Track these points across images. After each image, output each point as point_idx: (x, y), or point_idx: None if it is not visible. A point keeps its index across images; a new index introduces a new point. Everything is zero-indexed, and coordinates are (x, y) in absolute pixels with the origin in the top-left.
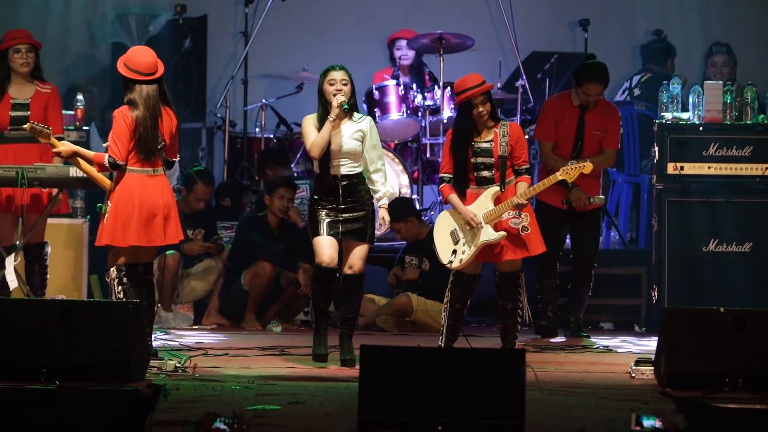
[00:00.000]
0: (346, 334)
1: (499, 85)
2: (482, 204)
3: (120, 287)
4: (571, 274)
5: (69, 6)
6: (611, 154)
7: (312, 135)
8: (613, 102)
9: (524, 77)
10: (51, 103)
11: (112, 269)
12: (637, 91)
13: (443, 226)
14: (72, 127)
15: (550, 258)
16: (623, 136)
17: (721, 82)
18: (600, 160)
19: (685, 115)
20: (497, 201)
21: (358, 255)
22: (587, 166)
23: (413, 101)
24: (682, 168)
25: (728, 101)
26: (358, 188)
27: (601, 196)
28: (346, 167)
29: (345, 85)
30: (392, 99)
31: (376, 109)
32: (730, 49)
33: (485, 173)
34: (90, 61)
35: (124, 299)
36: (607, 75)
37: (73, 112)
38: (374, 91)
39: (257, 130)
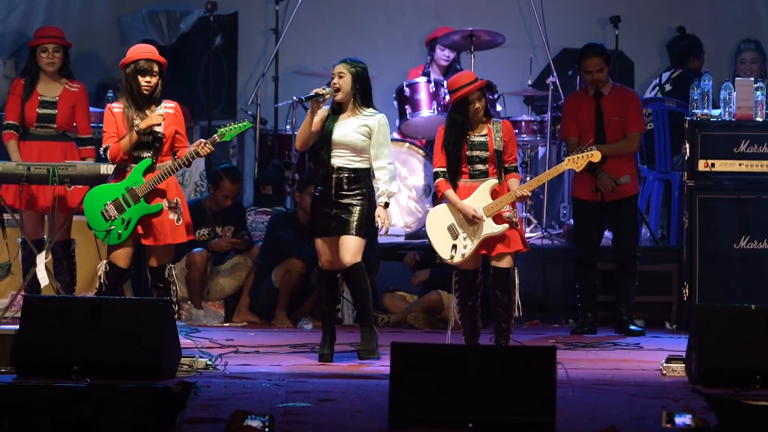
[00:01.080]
0: (364, 325)
1: (529, 82)
2: (480, 197)
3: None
4: (615, 269)
5: (100, 3)
6: (634, 138)
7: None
8: (644, 99)
9: (555, 74)
10: (79, 103)
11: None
12: (668, 87)
13: (439, 221)
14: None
15: (589, 257)
16: (654, 132)
17: (752, 78)
18: (623, 145)
19: (716, 112)
20: (494, 194)
21: (346, 248)
22: (595, 154)
23: (444, 98)
24: (713, 165)
25: (759, 98)
26: (355, 183)
27: (627, 176)
28: (344, 159)
29: (341, 77)
30: (423, 96)
31: (406, 106)
32: (759, 46)
33: (480, 166)
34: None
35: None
36: (602, 50)
37: (104, 110)
38: (405, 88)
39: (288, 127)
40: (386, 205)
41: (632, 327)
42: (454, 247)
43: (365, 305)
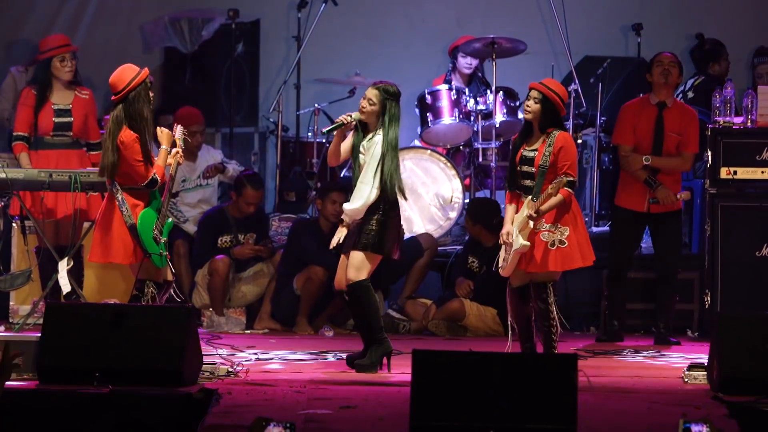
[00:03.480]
0: (370, 343)
1: None
2: (522, 213)
3: None
4: (656, 280)
5: (122, 10)
6: (689, 158)
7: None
8: None
9: (577, 82)
10: (90, 109)
11: None
12: (690, 94)
13: None
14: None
15: (619, 267)
16: None
17: None
18: (678, 163)
19: (738, 120)
20: None
21: (350, 263)
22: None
23: (465, 105)
24: (735, 172)
25: None
26: None
27: (686, 192)
28: (358, 177)
29: (371, 105)
30: (444, 103)
31: (428, 114)
32: None
33: (527, 182)
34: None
35: None
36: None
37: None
38: (426, 95)
39: (310, 134)
40: (341, 221)
41: (671, 339)
42: (506, 259)
43: (369, 324)
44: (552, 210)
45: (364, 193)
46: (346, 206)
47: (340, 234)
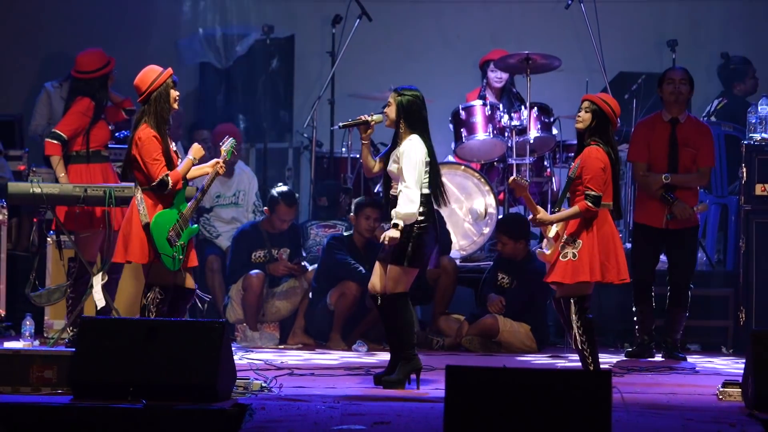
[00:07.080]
0: (396, 356)
1: None
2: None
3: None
4: (668, 295)
5: (157, 26)
6: (706, 172)
7: None
8: None
9: None
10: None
11: None
12: (713, 119)
13: None
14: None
15: (643, 282)
16: None
17: None
18: (695, 178)
19: None
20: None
21: (387, 276)
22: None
23: (500, 121)
24: None
25: None
26: None
27: (704, 203)
28: (394, 189)
29: (388, 106)
30: (479, 119)
31: (462, 129)
32: None
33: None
34: (178, 81)
35: None
36: (688, 72)
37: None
38: (461, 111)
39: (344, 150)
40: (395, 225)
41: (677, 353)
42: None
43: (400, 338)
44: (566, 221)
45: (413, 196)
46: (399, 211)
47: (386, 238)
